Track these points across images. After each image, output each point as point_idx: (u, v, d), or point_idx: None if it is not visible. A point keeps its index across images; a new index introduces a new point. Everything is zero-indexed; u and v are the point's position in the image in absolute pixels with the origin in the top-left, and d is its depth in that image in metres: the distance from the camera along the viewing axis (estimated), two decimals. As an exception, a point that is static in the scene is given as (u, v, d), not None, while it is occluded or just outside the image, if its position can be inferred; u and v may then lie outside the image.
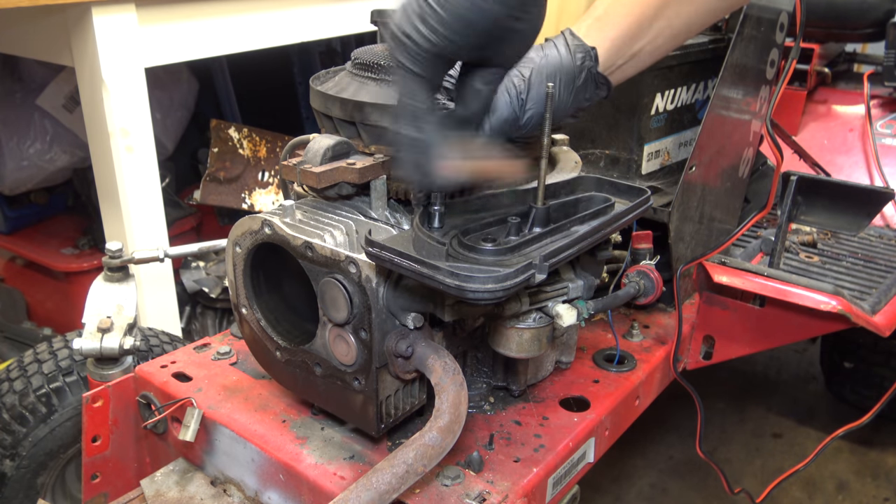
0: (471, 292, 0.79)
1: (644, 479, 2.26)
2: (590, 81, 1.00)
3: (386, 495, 0.83)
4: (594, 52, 0.99)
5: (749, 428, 2.49)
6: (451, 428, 0.87)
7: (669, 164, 1.62)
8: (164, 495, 1.14)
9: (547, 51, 0.99)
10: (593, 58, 0.99)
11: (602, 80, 1.01)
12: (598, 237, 0.98)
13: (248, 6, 2.03)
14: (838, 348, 2.35)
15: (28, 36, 1.89)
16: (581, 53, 0.98)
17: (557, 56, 0.98)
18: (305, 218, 1.00)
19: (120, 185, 1.81)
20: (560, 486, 1.09)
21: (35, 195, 2.65)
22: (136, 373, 1.24)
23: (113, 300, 1.34)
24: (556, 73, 0.97)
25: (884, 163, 2.09)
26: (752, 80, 1.51)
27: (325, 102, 1.05)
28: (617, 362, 1.31)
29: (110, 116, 1.76)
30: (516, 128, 0.98)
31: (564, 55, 0.98)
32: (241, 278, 1.05)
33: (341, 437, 1.09)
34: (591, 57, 0.99)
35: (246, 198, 2.55)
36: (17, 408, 1.44)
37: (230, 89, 2.92)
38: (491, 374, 1.20)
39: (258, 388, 1.20)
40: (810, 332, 1.43)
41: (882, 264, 1.73)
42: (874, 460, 2.34)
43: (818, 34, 2.34)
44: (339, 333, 0.94)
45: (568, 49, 0.98)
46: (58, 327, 2.51)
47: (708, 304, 1.44)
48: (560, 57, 0.98)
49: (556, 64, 0.98)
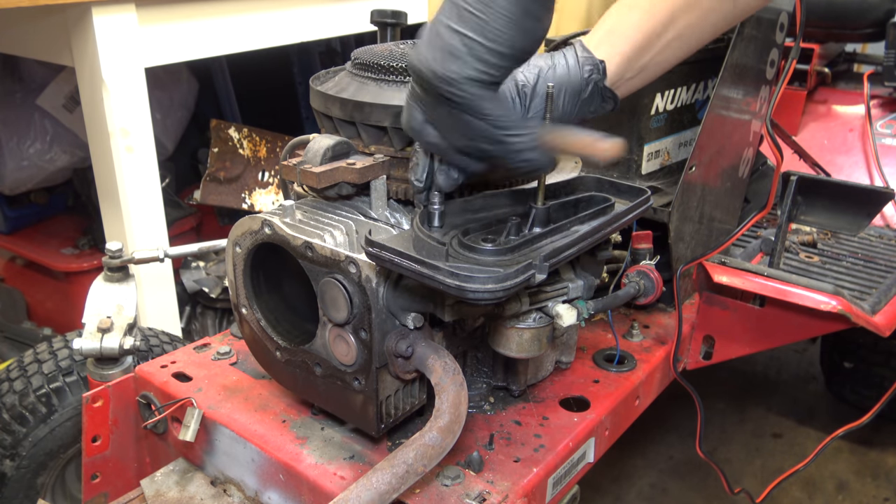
0: (471, 292, 0.79)
1: (644, 479, 2.26)
2: (596, 94, 0.99)
3: (386, 495, 0.83)
4: (603, 65, 0.98)
5: (749, 428, 2.49)
6: (451, 428, 0.87)
7: (669, 164, 1.62)
8: (164, 495, 1.14)
9: (556, 60, 0.98)
10: (601, 71, 0.98)
11: (609, 94, 1.00)
12: (598, 237, 0.98)
13: (248, 6, 2.03)
14: (838, 348, 2.35)
15: (28, 36, 1.89)
16: (589, 66, 0.97)
17: (565, 66, 0.97)
18: (305, 218, 1.00)
19: (120, 185, 1.81)
20: (560, 486, 1.09)
21: (35, 195, 2.65)
22: (136, 373, 1.24)
23: (113, 300, 1.34)
24: (563, 85, 0.96)
25: (884, 163, 2.09)
26: (752, 80, 1.51)
27: (325, 102, 1.05)
28: (617, 362, 1.31)
29: (110, 116, 1.76)
30: None
31: (573, 66, 0.97)
32: (241, 278, 1.05)
33: (341, 437, 1.09)
34: (598, 70, 0.97)
35: (246, 198, 2.56)
36: (17, 408, 1.44)
37: (230, 89, 2.92)
38: (491, 374, 1.20)
39: (258, 388, 1.20)
40: (810, 332, 1.43)
41: (882, 264, 1.73)
42: (874, 460, 2.34)
43: (818, 34, 2.34)
44: (339, 333, 0.94)
45: (577, 60, 0.97)
46: (58, 327, 2.51)
47: (708, 304, 1.44)
48: (568, 68, 0.97)
49: (563, 74, 0.97)
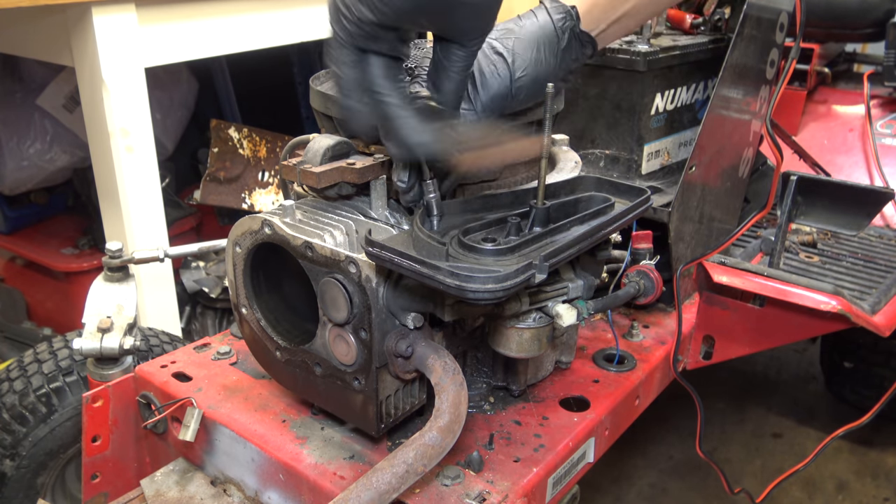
0: (471, 292, 0.79)
1: (644, 479, 2.26)
2: (574, 41, 0.99)
3: (386, 495, 0.83)
4: (574, 10, 0.98)
5: (749, 428, 2.49)
6: (451, 428, 0.87)
7: (669, 164, 1.62)
8: (164, 495, 1.14)
9: (525, 20, 0.98)
10: (574, 16, 0.98)
11: (587, 38, 1.00)
12: (598, 237, 0.98)
13: (248, 6, 2.03)
14: (838, 348, 2.35)
15: (28, 36, 1.89)
16: (561, 14, 0.97)
17: (536, 22, 0.97)
18: (305, 218, 1.00)
19: (120, 185, 1.81)
20: (560, 486, 1.09)
21: (35, 195, 2.65)
22: (136, 373, 1.24)
23: (113, 300, 1.34)
24: (539, 39, 0.96)
25: (884, 163, 2.09)
26: (752, 80, 1.52)
27: (325, 102, 1.05)
28: (617, 362, 1.31)
29: (110, 116, 1.76)
30: (509, 100, 0.97)
31: (544, 19, 0.97)
32: (241, 278, 1.05)
33: (341, 437, 1.09)
34: (571, 16, 0.98)
35: (246, 198, 2.56)
36: (17, 408, 1.44)
37: (230, 89, 2.92)
38: (491, 374, 1.20)
39: (258, 388, 1.20)
40: (810, 332, 1.43)
41: (882, 264, 1.73)
42: (874, 460, 2.34)
43: (818, 34, 2.34)
44: (339, 333, 0.94)
45: (547, 13, 0.98)
46: (58, 327, 2.51)
47: (708, 304, 1.44)
48: (539, 22, 0.97)
49: (536, 30, 0.97)
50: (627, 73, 1.47)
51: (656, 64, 1.47)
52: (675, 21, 1.66)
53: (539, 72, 0.96)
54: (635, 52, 1.45)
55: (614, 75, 1.49)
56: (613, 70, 1.49)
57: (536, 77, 0.96)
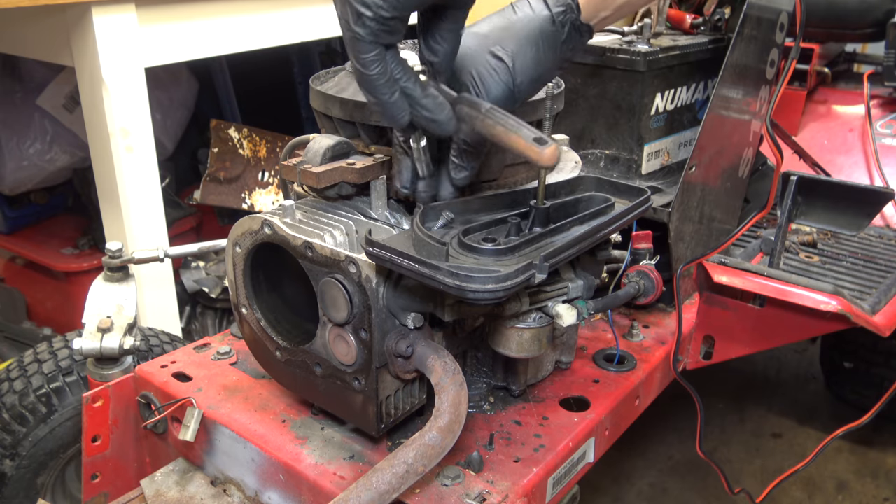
0: (471, 292, 0.79)
1: (644, 479, 2.26)
2: (573, 33, 0.98)
3: (386, 495, 0.83)
4: (575, 3, 0.97)
5: (749, 428, 2.49)
6: (451, 428, 0.87)
7: (669, 164, 1.62)
8: (164, 495, 1.14)
9: (520, 13, 0.97)
10: (575, 8, 0.97)
11: (586, 29, 0.99)
12: (598, 237, 0.98)
13: (248, 6, 2.02)
14: (838, 348, 2.35)
15: (28, 36, 1.89)
16: (561, 7, 0.97)
17: (534, 16, 0.96)
18: (305, 218, 1.00)
19: (120, 185, 1.81)
20: (560, 486, 1.09)
21: (35, 195, 2.65)
22: (136, 373, 1.24)
23: (113, 300, 1.34)
24: (538, 36, 0.95)
25: (884, 163, 2.09)
26: (752, 80, 1.52)
27: (325, 102, 1.05)
28: (617, 362, 1.31)
29: (110, 116, 1.76)
30: (511, 102, 0.97)
31: (542, 12, 0.96)
32: (241, 278, 1.05)
33: (341, 437, 1.09)
34: (572, 9, 0.97)
35: (246, 198, 2.56)
36: (17, 408, 1.44)
37: (230, 89, 2.92)
38: (491, 374, 1.20)
39: (258, 388, 1.20)
40: (810, 332, 1.43)
41: (882, 264, 1.73)
42: (874, 460, 2.34)
43: (818, 34, 2.34)
44: (339, 333, 0.94)
45: (545, 5, 0.97)
46: (58, 327, 2.51)
47: (708, 304, 1.44)
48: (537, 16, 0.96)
49: (534, 26, 0.96)
50: (627, 73, 1.47)
51: (656, 64, 1.47)
52: (675, 21, 1.66)
53: (539, 72, 0.96)
54: (635, 52, 1.45)
55: (614, 75, 1.49)
56: (613, 70, 1.49)
57: (537, 77, 0.97)
